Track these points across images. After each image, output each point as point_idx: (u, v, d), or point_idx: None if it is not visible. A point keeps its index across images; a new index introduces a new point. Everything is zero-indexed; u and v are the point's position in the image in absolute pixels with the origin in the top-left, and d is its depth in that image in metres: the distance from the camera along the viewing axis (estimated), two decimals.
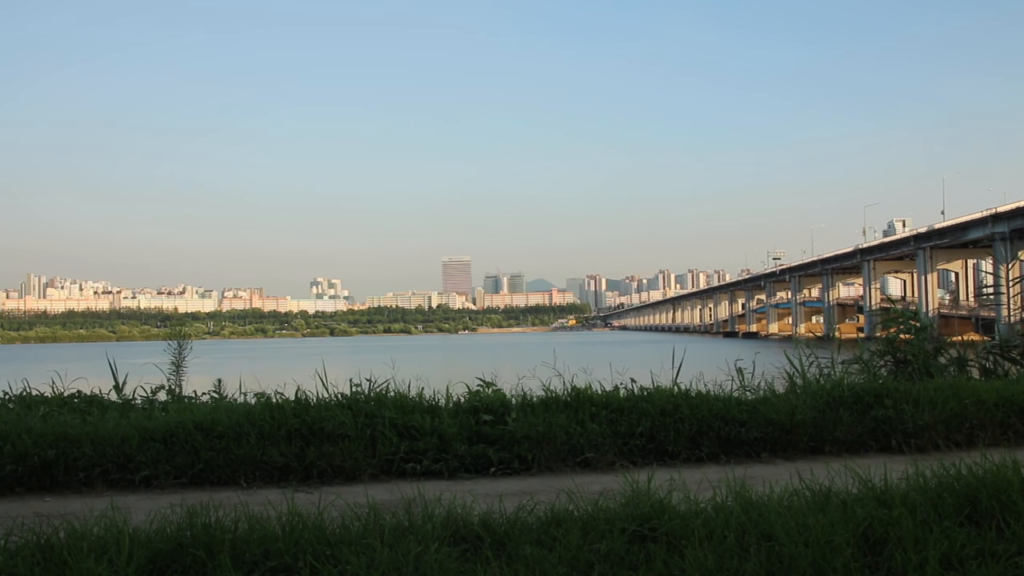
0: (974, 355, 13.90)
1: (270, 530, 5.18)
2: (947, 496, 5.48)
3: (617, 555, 4.83)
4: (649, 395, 9.55)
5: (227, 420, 8.57)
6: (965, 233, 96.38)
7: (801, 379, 11.00)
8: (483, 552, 4.91)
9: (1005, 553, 4.62)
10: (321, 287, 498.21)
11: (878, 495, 5.55)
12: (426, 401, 9.47)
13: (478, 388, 10.12)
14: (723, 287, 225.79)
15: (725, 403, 9.44)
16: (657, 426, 8.94)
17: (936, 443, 9.13)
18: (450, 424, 8.74)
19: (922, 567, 4.47)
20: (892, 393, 9.82)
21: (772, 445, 9.11)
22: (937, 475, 5.91)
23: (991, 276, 57.78)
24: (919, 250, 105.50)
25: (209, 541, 5.00)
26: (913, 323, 14.40)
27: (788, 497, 5.67)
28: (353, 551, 4.82)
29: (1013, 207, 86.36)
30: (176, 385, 11.47)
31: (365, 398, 9.32)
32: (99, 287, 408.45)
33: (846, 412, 9.47)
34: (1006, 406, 9.70)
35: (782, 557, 4.67)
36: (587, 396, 9.53)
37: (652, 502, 5.52)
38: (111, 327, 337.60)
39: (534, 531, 5.25)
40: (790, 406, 9.43)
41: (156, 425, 8.56)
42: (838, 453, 9.03)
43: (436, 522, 5.31)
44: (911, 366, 12.81)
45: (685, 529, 5.05)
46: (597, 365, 11.18)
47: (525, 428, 8.68)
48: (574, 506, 5.60)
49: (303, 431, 8.54)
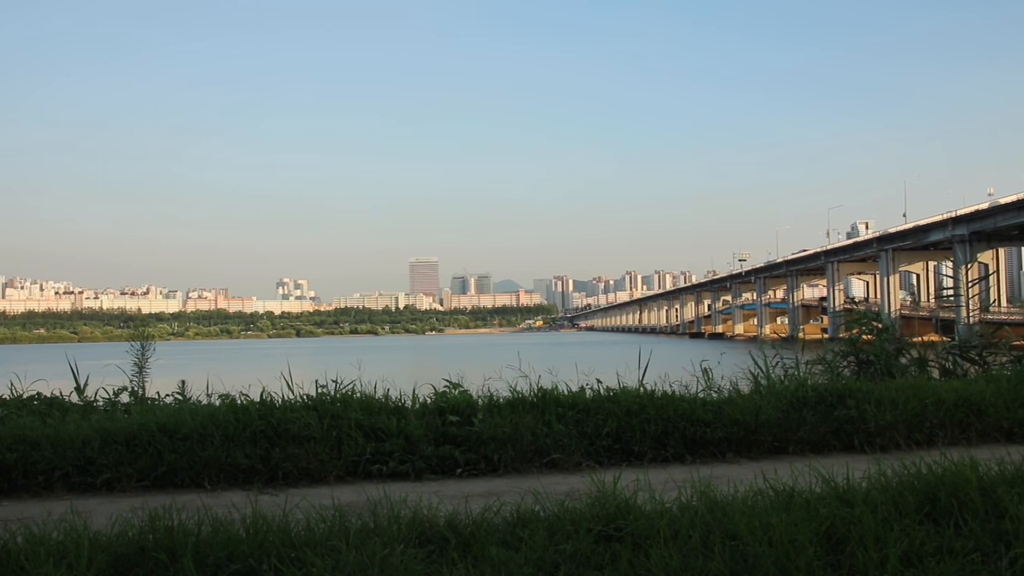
0: (934, 355, 14.09)
1: (234, 533, 5.13)
2: (907, 494, 5.55)
3: (583, 555, 4.84)
4: (615, 396, 9.58)
5: (191, 422, 8.47)
6: (926, 235, 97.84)
7: (766, 380, 11.10)
8: (449, 553, 4.90)
9: (963, 550, 4.69)
10: (287, 288, 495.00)
11: (840, 494, 5.61)
12: (392, 402, 9.42)
13: (444, 389, 10.09)
14: (689, 288, 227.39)
15: (691, 404, 9.49)
16: (623, 427, 8.97)
17: (897, 442, 9.24)
18: (416, 425, 8.71)
19: (883, 565, 4.53)
20: (855, 393, 9.92)
21: (737, 445, 9.18)
22: (898, 474, 5.99)
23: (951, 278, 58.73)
24: (882, 252, 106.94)
25: (171, 544, 4.94)
26: (875, 324, 14.57)
27: (752, 497, 5.71)
28: (318, 553, 4.79)
29: (972, 210, 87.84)
30: (139, 387, 11.31)
31: (331, 399, 9.26)
32: (60, 287, 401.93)
33: (810, 412, 9.56)
34: (965, 406, 9.85)
35: (746, 556, 4.71)
36: (553, 397, 9.54)
37: (618, 502, 5.54)
38: (73, 328, 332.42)
39: (500, 532, 5.25)
40: (755, 406, 9.51)
41: (118, 427, 8.43)
42: (802, 453, 9.11)
43: (402, 523, 5.29)
44: (873, 366, 12.96)
45: (650, 529, 5.07)
46: (563, 366, 11.18)
47: (491, 429, 8.68)
48: (540, 507, 5.60)
49: (268, 433, 8.47)
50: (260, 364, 66.77)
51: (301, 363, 13.63)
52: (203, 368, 14.08)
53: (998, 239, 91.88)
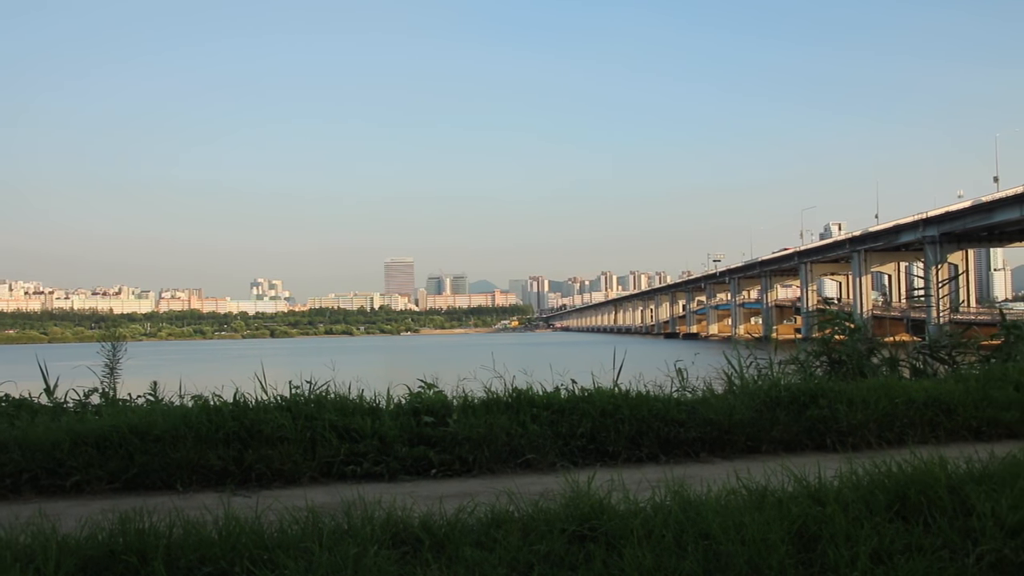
0: (905, 355, 14.25)
1: (206, 535, 5.09)
2: (878, 493, 5.60)
3: (557, 555, 4.85)
4: (590, 396, 9.59)
5: (163, 423, 8.38)
6: (898, 236, 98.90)
7: (739, 380, 11.16)
8: (423, 554, 4.89)
9: (931, 547, 4.75)
10: (261, 288, 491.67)
11: (812, 493, 5.66)
12: (367, 403, 9.38)
13: (419, 390, 10.06)
14: (664, 289, 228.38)
15: (665, 404, 9.52)
16: (598, 427, 8.99)
17: (869, 441, 9.32)
18: (391, 426, 8.68)
19: (853, 562, 4.57)
20: (827, 393, 10.00)
21: (711, 445, 9.22)
22: (869, 473, 6.04)
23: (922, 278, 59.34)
24: (854, 252, 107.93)
25: (142, 547, 4.89)
26: (848, 324, 14.71)
27: (725, 496, 5.74)
28: (291, 555, 4.76)
29: (942, 211, 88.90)
30: (110, 388, 11.16)
31: (305, 400, 9.20)
32: (30, 287, 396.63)
33: (783, 412, 9.63)
34: (935, 405, 9.96)
35: (719, 555, 4.74)
36: (528, 397, 9.54)
37: (592, 502, 5.55)
38: (43, 328, 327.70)
39: (475, 533, 5.24)
40: (728, 406, 9.56)
41: (89, 429, 8.33)
42: (775, 452, 9.17)
43: (376, 525, 5.27)
44: (845, 366, 13.07)
45: (624, 529, 5.09)
46: (538, 366, 11.18)
47: (466, 430, 8.66)
48: (515, 507, 5.60)
49: (241, 434, 8.40)
50: (233, 365, 66.32)
51: (275, 364, 13.55)
52: (176, 369, 13.95)
53: (967, 240, 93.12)
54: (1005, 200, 78.77)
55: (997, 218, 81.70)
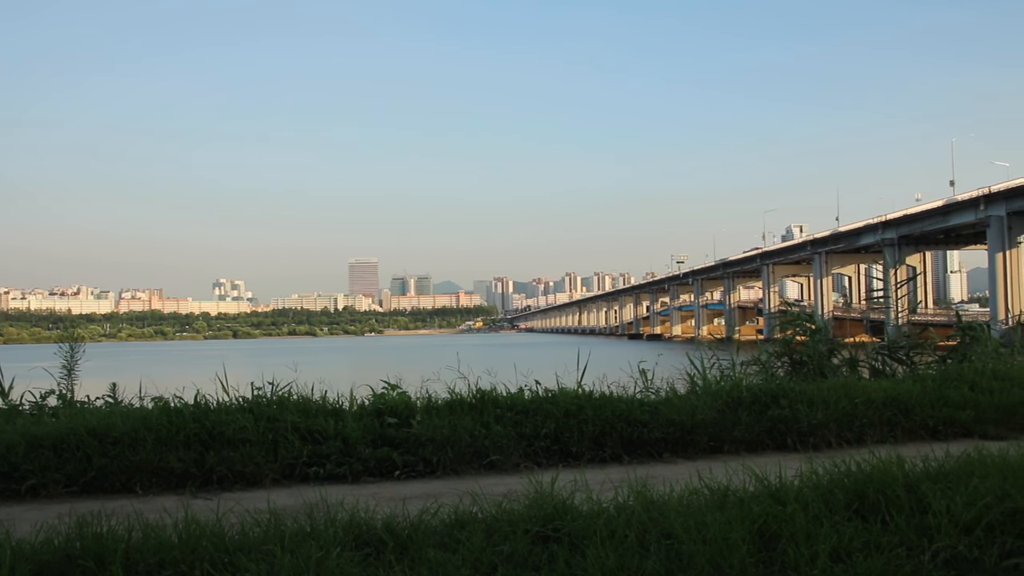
0: (865, 356, 14.44)
1: (166, 538, 5.03)
2: (837, 492, 5.68)
3: (520, 556, 4.85)
4: (554, 397, 9.62)
5: (122, 425, 8.27)
6: (858, 239, 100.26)
7: (702, 380, 11.26)
8: (386, 556, 4.87)
9: (889, 545, 4.82)
10: (224, 288, 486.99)
11: (773, 492, 5.72)
12: (330, 404, 9.33)
13: (383, 391, 10.03)
14: (628, 290, 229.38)
15: (628, 404, 9.57)
16: (562, 427, 9.01)
17: (829, 441, 9.45)
18: (354, 427, 8.63)
19: (813, 561, 4.62)
20: (788, 393, 10.12)
21: (674, 445, 9.28)
22: (829, 472, 6.12)
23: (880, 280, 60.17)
24: (815, 255, 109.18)
25: (100, 551, 4.82)
26: (809, 325, 14.88)
27: (688, 496, 5.79)
28: (252, 558, 4.72)
29: (901, 214, 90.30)
30: (68, 389, 10.99)
31: (267, 402, 9.13)
32: None
33: (744, 412, 9.72)
34: (893, 405, 10.12)
35: (681, 555, 4.77)
36: (492, 398, 9.54)
37: (555, 503, 5.56)
38: None
39: (438, 534, 5.24)
40: (691, 407, 9.63)
41: (45, 431, 8.18)
42: (737, 452, 9.26)
43: (339, 527, 5.24)
44: (806, 367, 13.23)
45: (587, 529, 5.10)
46: (502, 367, 11.20)
47: (430, 431, 8.64)
48: (478, 508, 5.61)
49: (202, 436, 8.31)
50: (195, 366, 65.53)
51: (237, 365, 13.42)
52: (136, 370, 13.75)
53: (925, 243, 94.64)
54: (961, 204, 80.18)
55: (953, 221, 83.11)
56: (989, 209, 75.74)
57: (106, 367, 36.68)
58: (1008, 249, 74.52)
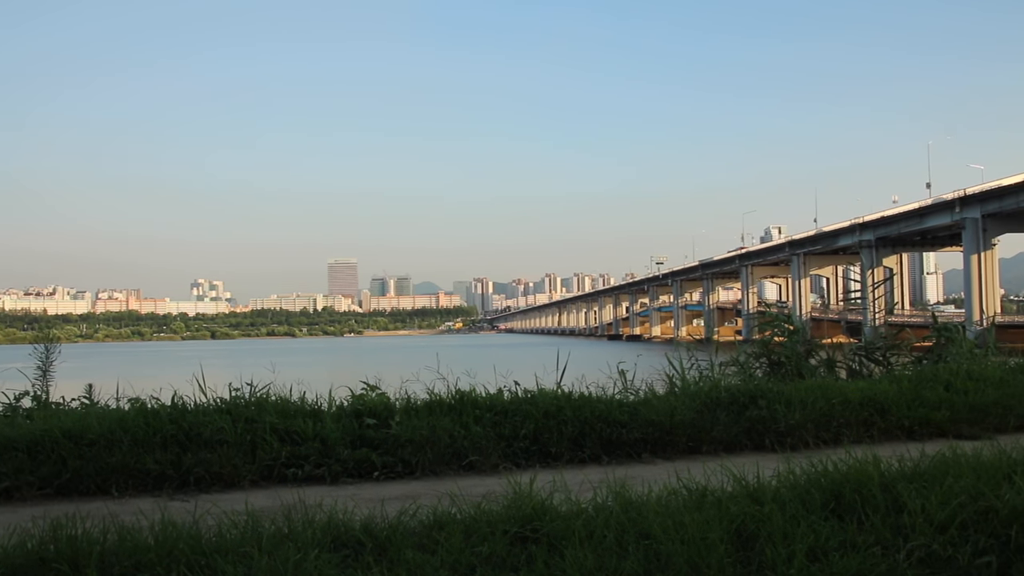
0: (842, 356, 14.56)
1: (142, 541, 4.99)
2: (814, 492, 5.71)
3: (499, 557, 4.85)
4: (533, 397, 9.63)
5: (98, 427, 8.19)
6: (835, 240, 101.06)
7: (681, 381, 11.30)
8: (364, 558, 4.86)
9: (865, 544, 4.85)
10: (202, 289, 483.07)
11: (751, 493, 5.75)
12: (309, 405, 9.29)
13: (362, 392, 10.00)
14: (608, 291, 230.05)
15: (607, 405, 9.59)
16: (541, 428, 9.02)
17: (806, 441, 9.49)
18: (333, 428, 8.60)
19: (790, 560, 4.65)
20: (766, 394, 10.17)
21: (652, 446, 9.31)
22: (806, 472, 6.16)
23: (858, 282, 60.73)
24: (794, 256, 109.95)
25: (74, 555, 4.77)
26: (787, 326, 14.98)
27: (666, 496, 5.81)
28: (229, 560, 4.69)
29: (878, 216, 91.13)
30: (43, 391, 10.88)
31: (245, 403, 9.08)
32: None
33: (723, 413, 9.76)
34: (870, 405, 10.20)
35: (659, 555, 4.78)
36: (471, 399, 9.54)
37: (534, 504, 5.57)
38: None
39: (416, 535, 5.23)
40: (670, 407, 9.66)
41: (19, 433, 8.09)
42: (715, 452, 9.29)
43: (317, 528, 5.22)
44: (784, 367, 13.31)
45: (566, 530, 5.11)
46: (482, 368, 11.19)
47: (409, 432, 8.63)
48: (457, 509, 5.60)
49: (180, 437, 8.26)
50: (173, 367, 65.08)
51: (215, 366, 13.35)
52: (113, 371, 13.65)
53: (902, 244, 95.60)
54: (937, 206, 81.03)
55: (929, 223, 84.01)
56: (964, 211, 76.61)
57: (82, 368, 36.33)
58: (983, 251, 75.44)
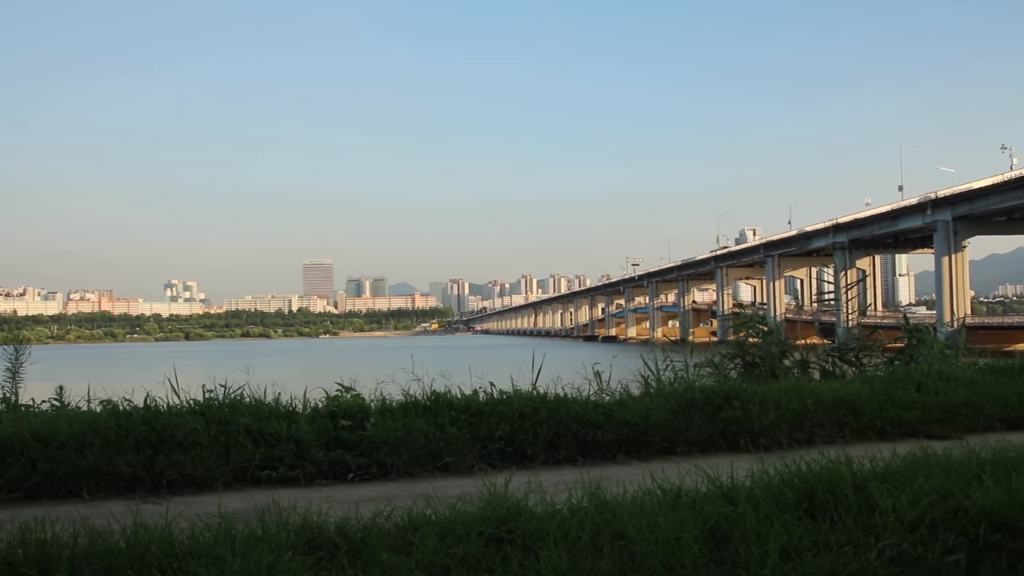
0: (815, 357, 14.68)
1: (113, 544, 4.94)
2: (787, 492, 5.76)
3: (474, 558, 4.85)
4: (508, 399, 9.62)
5: (69, 429, 8.10)
6: (809, 242, 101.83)
7: (656, 382, 11.34)
8: (338, 559, 4.84)
9: (837, 543, 4.89)
10: (176, 289, 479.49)
11: (725, 493, 5.78)
12: (283, 407, 9.24)
13: (337, 393, 9.95)
14: (584, 292, 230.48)
15: (582, 406, 9.61)
16: (516, 429, 9.01)
17: (780, 441, 9.56)
18: (307, 430, 8.56)
19: (763, 560, 4.68)
20: (740, 395, 10.23)
21: (627, 446, 9.34)
22: (779, 472, 6.20)
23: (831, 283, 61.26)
24: (768, 258, 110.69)
25: (44, 559, 4.72)
26: (761, 327, 15.09)
27: (641, 497, 5.83)
28: (202, 563, 4.66)
29: (851, 218, 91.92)
30: (12, 393, 10.75)
31: (219, 404, 9.02)
32: None
33: (698, 413, 9.80)
34: (842, 405, 10.29)
35: (634, 555, 4.80)
36: (447, 400, 9.53)
37: (509, 505, 5.57)
38: None
39: (391, 537, 5.21)
40: (645, 408, 9.70)
41: None
42: (690, 453, 9.33)
43: (291, 530, 5.19)
44: (759, 368, 13.41)
45: (541, 531, 5.11)
46: (457, 369, 11.17)
47: (384, 433, 8.60)
48: (432, 511, 5.59)
49: (152, 439, 8.18)
50: (145, 368, 64.49)
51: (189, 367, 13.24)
52: (84, 373, 13.50)
53: (875, 247, 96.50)
54: (909, 208, 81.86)
55: (902, 225, 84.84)
56: (935, 214, 77.44)
57: (53, 370, 35.93)
58: (954, 253, 76.28)
